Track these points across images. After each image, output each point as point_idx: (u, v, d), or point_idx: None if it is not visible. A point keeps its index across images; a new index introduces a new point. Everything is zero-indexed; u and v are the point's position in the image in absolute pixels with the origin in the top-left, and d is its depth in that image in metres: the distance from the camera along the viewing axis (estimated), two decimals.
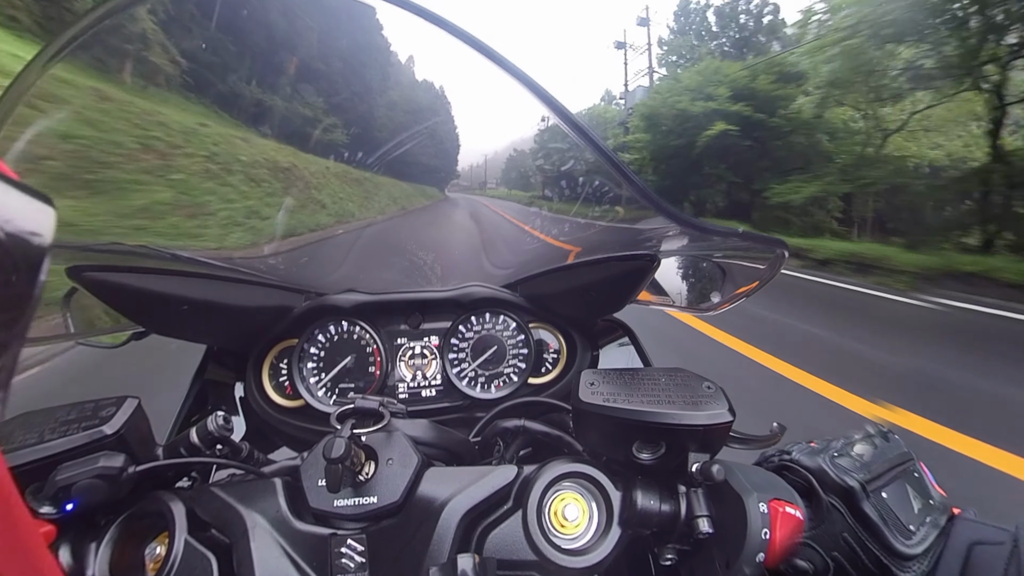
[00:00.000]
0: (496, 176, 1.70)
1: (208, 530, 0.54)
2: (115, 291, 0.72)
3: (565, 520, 0.54)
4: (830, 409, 3.28)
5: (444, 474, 0.57)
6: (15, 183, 0.21)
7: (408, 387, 1.01)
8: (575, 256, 1.01)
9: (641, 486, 0.54)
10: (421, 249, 1.26)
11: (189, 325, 0.85)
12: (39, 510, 0.49)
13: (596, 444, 0.60)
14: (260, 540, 0.51)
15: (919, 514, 0.51)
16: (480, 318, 1.04)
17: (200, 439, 0.62)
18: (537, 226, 1.15)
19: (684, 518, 0.52)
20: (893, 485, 0.53)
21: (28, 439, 0.52)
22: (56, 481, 0.48)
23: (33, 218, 0.21)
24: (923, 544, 0.49)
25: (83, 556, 0.51)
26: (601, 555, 0.52)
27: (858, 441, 0.57)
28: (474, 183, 1.86)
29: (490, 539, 0.54)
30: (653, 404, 0.53)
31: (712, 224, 0.61)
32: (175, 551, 0.51)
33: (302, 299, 0.99)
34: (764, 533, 0.47)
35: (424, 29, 0.54)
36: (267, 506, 0.54)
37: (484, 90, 0.85)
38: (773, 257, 0.67)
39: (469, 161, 1.77)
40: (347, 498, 0.53)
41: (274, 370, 0.98)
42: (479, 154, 1.74)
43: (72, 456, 0.51)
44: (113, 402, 0.57)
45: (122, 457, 0.52)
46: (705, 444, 0.53)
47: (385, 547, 0.52)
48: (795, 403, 3.42)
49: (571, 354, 1.05)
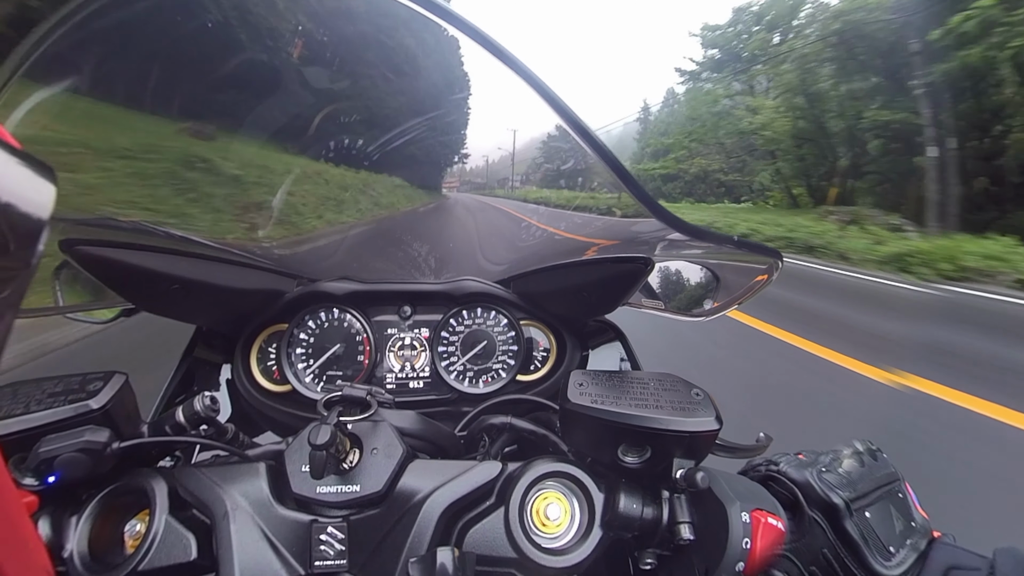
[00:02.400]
0: (522, 173, 1.66)
1: (189, 510, 0.54)
2: (106, 266, 0.72)
3: (547, 519, 0.55)
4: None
5: (428, 467, 0.58)
6: (18, 152, 0.21)
7: (396, 378, 1.02)
8: (582, 248, 1.01)
9: (624, 489, 0.54)
10: (416, 240, 1.26)
11: (179, 304, 0.85)
12: (21, 481, 0.48)
13: (582, 445, 0.60)
14: (240, 522, 0.51)
15: (900, 536, 0.52)
16: (471, 312, 1.04)
17: (186, 418, 0.62)
18: (536, 220, 1.14)
19: (666, 523, 0.52)
20: (877, 505, 0.53)
21: (14, 409, 0.52)
22: (39, 453, 0.48)
23: (34, 187, 0.21)
24: (902, 567, 0.49)
25: (63, 529, 0.51)
26: (581, 556, 0.52)
27: (846, 457, 0.58)
28: (490, 180, 1.82)
29: (471, 534, 0.54)
30: (641, 408, 0.53)
31: (708, 229, 0.61)
32: (155, 529, 0.51)
33: (294, 284, 0.99)
34: (745, 542, 0.48)
35: (432, 22, 0.54)
36: (249, 489, 0.54)
37: (492, 86, 0.84)
38: (768, 265, 0.68)
39: (484, 156, 1.73)
40: (330, 485, 0.53)
41: (262, 354, 0.98)
42: (492, 150, 1.70)
43: (57, 428, 0.51)
44: (101, 377, 0.56)
45: (107, 432, 0.52)
46: (691, 451, 0.53)
47: (365, 536, 0.53)
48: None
49: (561, 353, 1.05)
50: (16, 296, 0.21)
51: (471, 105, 1.34)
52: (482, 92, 1.18)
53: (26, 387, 0.56)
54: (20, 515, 0.26)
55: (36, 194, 0.21)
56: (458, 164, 1.72)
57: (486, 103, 1.25)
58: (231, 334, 0.97)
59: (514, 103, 0.67)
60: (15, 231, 0.20)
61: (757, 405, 3.47)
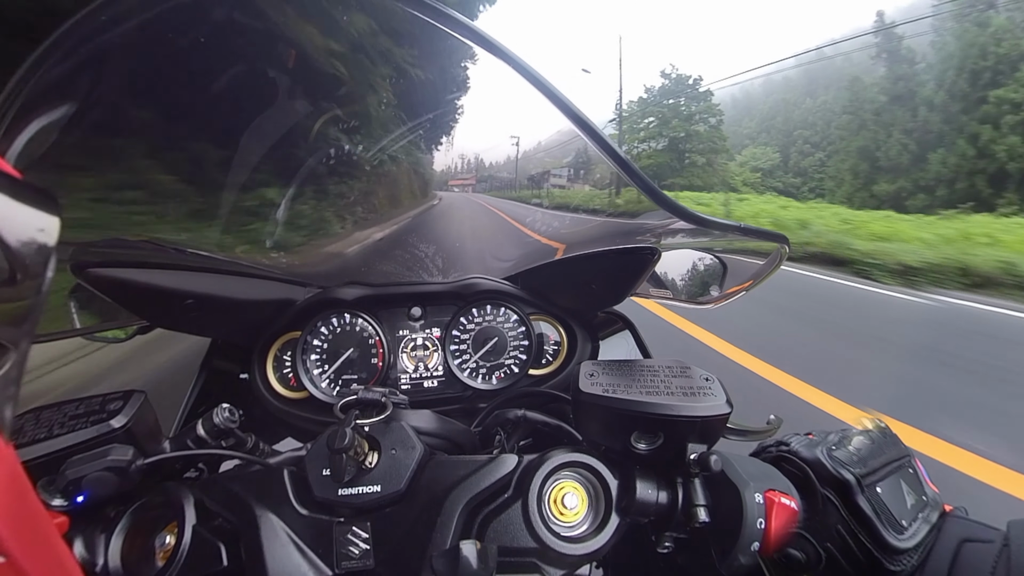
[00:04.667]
0: (526, 170, 1.61)
1: (216, 520, 0.55)
2: (119, 287, 0.73)
3: (564, 508, 0.55)
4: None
5: (446, 463, 0.58)
6: (20, 182, 0.22)
7: (410, 378, 1.02)
8: (563, 252, 1.01)
9: (639, 475, 0.55)
10: (422, 241, 1.27)
11: (193, 319, 0.86)
12: (51, 503, 0.50)
13: (595, 434, 0.60)
14: (267, 529, 0.52)
15: (912, 510, 0.52)
16: (481, 310, 1.05)
17: (206, 431, 0.63)
18: (537, 219, 1.15)
19: (681, 507, 0.53)
20: (888, 480, 0.53)
21: (38, 434, 0.53)
22: (67, 474, 0.50)
23: (39, 217, 0.22)
24: (914, 539, 0.49)
25: (95, 547, 0.53)
26: (599, 543, 0.53)
27: (855, 435, 0.58)
28: (493, 179, 1.78)
29: (491, 526, 0.55)
30: (652, 395, 0.53)
31: (714, 218, 0.61)
32: (184, 540, 0.52)
33: (304, 292, 1.00)
34: (759, 523, 0.48)
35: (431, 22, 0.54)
36: (274, 496, 0.55)
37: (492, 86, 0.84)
38: (774, 252, 0.67)
39: (483, 156, 1.71)
40: (351, 487, 0.54)
41: (278, 362, 0.99)
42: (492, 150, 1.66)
43: (82, 450, 0.52)
44: (120, 396, 0.58)
45: (130, 450, 0.53)
46: (703, 435, 0.54)
47: (389, 534, 0.53)
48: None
49: (571, 346, 1.06)
50: (30, 324, 0.21)
51: (471, 105, 1.34)
52: (482, 92, 1.18)
53: (48, 411, 0.57)
54: (53, 536, 0.27)
55: (41, 223, 0.21)
56: (458, 165, 1.71)
57: (485, 103, 1.25)
58: (246, 344, 0.99)
59: (515, 103, 0.67)
60: (22, 262, 0.20)
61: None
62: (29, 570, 0.23)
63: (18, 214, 0.21)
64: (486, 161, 1.68)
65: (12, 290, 0.20)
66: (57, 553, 0.27)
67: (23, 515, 0.24)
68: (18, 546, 0.23)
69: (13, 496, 0.23)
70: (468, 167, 1.68)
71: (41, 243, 0.21)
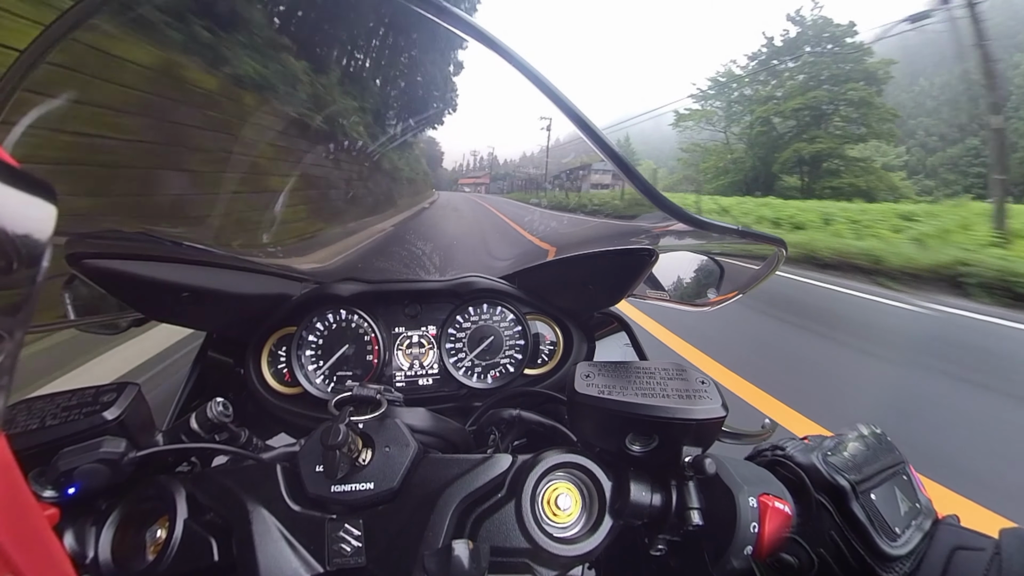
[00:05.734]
0: (524, 172, 1.57)
1: (208, 514, 0.55)
2: (114, 278, 0.73)
3: (558, 509, 0.55)
4: None
5: (440, 462, 0.58)
6: (17, 172, 0.22)
7: (405, 376, 1.02)
8: (554, 254, 1.01)
9: (633, 477, 0.55)
10: (420, 239, 1.26)
11: (188, 312, 0.86)
12: (42, 494, 0.49)
13: (590, 435, 0.61)
14: (259, 524, 0.52)
15: (905, 517, 0.52)
16: (478, 308, 1.05)
17: (199, 425, 0.63)
18: (535, 218, 1.15)
19: (675, 510, 0.53)
20: (882, 487, 0.53)
21: (30, 424, 0.53)
22: (58, 466, 0.49)
23: (35, 206, 0.22)
24: (907, 546, 0.49)
25: (85, 539, 0.52)
26: (592, 544, 0.53)
27: (851, 441, 0.58)
28: (494, 179, 1.73)
29: (484, 526, 0.55)
30: (647, 397, 0.53)
31: (711, 220, 0.61)
32: (176, 534, 0.52)
33: (301, 287, 0.99)
34: (753, 527, 0.49)
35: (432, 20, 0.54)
36: (266, 491, 0.55)
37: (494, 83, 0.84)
38: (771, 256, 0.68)
39: (482, 156, 1.68)
40: (344, 484, 0.54)
41: (273, 357, 0.99)
42: (489, 150, 1.62)
43: (74, 441, 0.52)
44: (114, 388, 0.57)
45: (123, 442, 0.53)
46: (698, 438, 0.54)
47: (381, 532, 0.53)
48: None
49: (567, 346, 1.06)
50: (25, 314, 0.21)
51: (471, 106, 1.33)
52: (487, 86, 1.17)
53: (40, 402, 0.57)
54: (43, 528, 0.26)
55: (37, 213, 0.21)
56: (469, 162, 1.70)
57: (487, 97, 1.24)
58: (241, 339, 0.98)
59: (513, 102, 0.67)
60: (18, 251, 0.20)
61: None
62: (18, 561, 0.23)
63: (15, 203, 0.20)
64: (500, 158, 1.63)
65: (7, 279, 0.20)
66: (47, 545, 0.27)
67: (13, 506, 0.24)
68: (8, 537, 0.22)
69: (4, 487, 0.23)
70: (480, 164, 1.63)
71: (37, 232, 0.21)
